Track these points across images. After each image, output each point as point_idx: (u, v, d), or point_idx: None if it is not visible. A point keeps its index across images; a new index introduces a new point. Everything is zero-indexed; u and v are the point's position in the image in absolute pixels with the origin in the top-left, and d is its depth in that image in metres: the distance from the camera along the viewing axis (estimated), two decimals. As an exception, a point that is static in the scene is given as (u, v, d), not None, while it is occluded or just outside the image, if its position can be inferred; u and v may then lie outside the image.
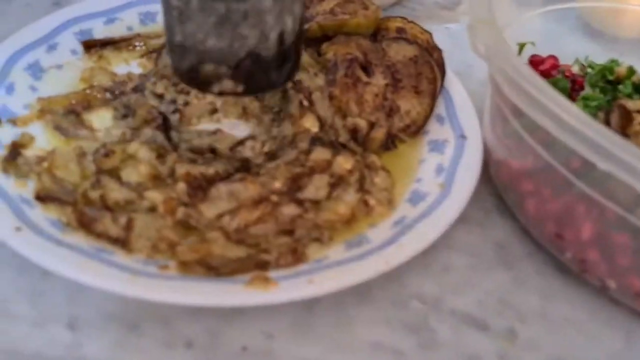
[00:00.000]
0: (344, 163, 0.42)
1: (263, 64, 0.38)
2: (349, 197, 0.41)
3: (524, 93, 0.36)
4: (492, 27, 0.40)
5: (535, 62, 0.51)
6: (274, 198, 0.39)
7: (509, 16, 0.48)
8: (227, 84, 0.38)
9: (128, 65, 0.50)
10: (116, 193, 0.38)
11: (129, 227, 0.36)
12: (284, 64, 0.39)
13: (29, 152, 0.41)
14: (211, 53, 0.37)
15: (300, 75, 0.47)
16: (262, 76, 0.38)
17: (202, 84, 0.38)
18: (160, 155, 0.40)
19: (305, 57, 0.48)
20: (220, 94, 0.38)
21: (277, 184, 0.40)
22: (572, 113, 0.35)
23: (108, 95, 0.46)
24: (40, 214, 0.37)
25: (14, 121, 0.43)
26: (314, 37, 0.50)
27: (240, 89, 0.38)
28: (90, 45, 0.50)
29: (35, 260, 0.34)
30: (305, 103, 0.46)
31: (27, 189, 0.39)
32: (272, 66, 0.38)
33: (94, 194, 0.38)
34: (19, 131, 0.42)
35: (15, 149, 0.41)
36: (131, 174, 0.39)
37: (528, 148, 0.40)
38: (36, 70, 0.47)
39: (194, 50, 0.37)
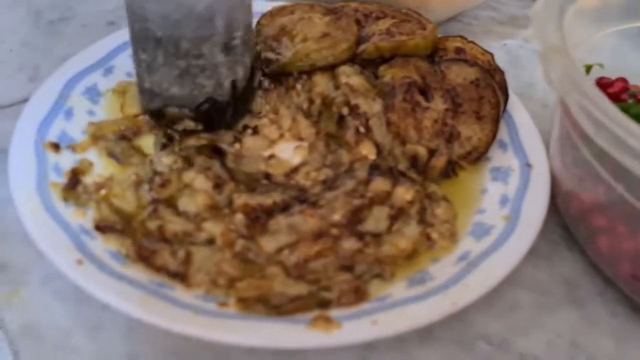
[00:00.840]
0: (404, 194, 0.41)
1: (219, 107, 0.44)
2: (410, 230, 0.39)
3: (602, 128, 0.34)
4: (565, 56, 0.38)
5: (603, 85, 0.48)
6: (334, 231, 0.38)
7: (577, 37, 0.46)
8: (189, 124, 0.44)
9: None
10: (174, 225, 0.37)
11: (187, 261, 0.36)
12: (237, 106, 0.45)
13: (88, 179, 0.41)
14: (175, 98, 0.43)
15: (357, 100, 0.46)
16: (219, 116, 0.44)
17: (168, 123, 0.44)
18: (217, 185, 0.40)
19: (362, 81, 0.47)
20: (183, 131, 0.44)
21: (337, 217, 0.39)
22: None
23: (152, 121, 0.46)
24: (101, 246, 0.37)
25: (73, 147, 0.43)
26: (371, 59, 0.49)
27: (199, 127, 0.44)
28: (146, 68, 0.50)
29: (97, 296, 0.34)
30: (362, 130, 0.45)
31: (87, 218, 0.38)
32: (227, 108, 0.44)
33: (152, 225, 0.38)
34: (78, 157, 0.42)
35: (75, 177, 0.41)
36: (188, 204, 0.39)
37: (600, 179, 0.38)
38: (94, 94, 0.47)
39: (160, 96, 0.43)
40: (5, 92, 0.50)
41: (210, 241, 0.37)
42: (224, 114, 0.44)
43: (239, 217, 0.38)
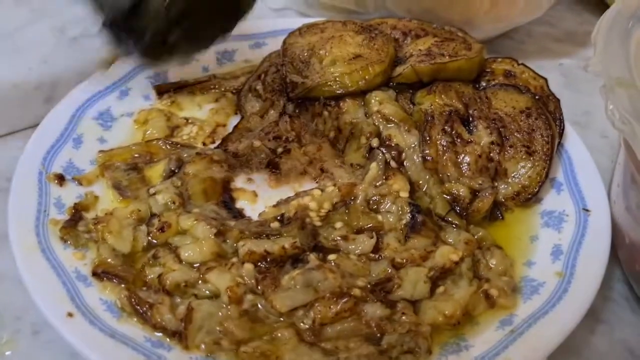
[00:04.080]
0: (449, 253, 0.35)
1: None
2: (461, 291, 0.34)
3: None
4: (631, 88, 0.32)
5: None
6: (357, 292, 0.33)
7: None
8: None
9: (201, 110, 0.46)
10: (176, 274, 0.33)
11: (188, 318, 0.32)
12: None
13: (91, 214, 0.38)
14: None
15: (389, 130, 0.41)
16: None
17: None
18: (220, 233, 0.35)
19: (397, 110, 0.42)
20: None
21: (360, 282, 0.34)
22: None
23: (168, 146, 0.42)
24: (96, 295, 0.33)
25: (79, 179, 0.40)
26: (408, 83, 0.44)
27: None
28: (164, 90, 0.47)
29: (85, 354, 0.30)
30: (394, 164, 0.40)
31: (85, 260, 0.35)
32: None
33: (152, 273, 0.34)
34: (82, 191, 0.39)
35: (77, 213, 0.37)
36: (192, 253, 0.35)
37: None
38: (107, 119, 0.44)
39: None
40: (19, 115, 0.47)
41: (215, 294, 0.33)
42: None
43: (248, 267, 0.34)
